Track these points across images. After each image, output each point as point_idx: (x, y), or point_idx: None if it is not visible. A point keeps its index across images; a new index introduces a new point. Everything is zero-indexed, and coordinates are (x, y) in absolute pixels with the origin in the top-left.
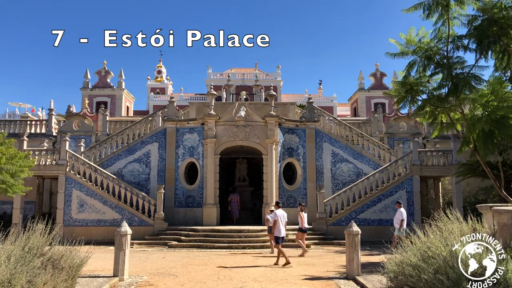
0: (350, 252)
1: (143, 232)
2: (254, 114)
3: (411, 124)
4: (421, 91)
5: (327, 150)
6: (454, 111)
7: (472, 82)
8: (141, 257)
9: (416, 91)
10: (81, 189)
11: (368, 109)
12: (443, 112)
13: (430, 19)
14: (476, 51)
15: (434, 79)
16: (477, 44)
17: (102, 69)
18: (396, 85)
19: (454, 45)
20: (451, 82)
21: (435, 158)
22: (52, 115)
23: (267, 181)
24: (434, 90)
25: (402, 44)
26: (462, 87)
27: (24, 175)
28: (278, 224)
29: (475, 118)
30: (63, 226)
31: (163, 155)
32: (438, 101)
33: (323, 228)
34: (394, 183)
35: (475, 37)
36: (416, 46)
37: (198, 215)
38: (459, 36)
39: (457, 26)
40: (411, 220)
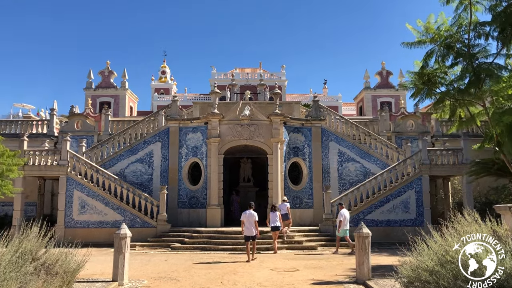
0: (360, 255)
1: (145, 234)
2: (259, 112)
3: (418, 123)
4: (439, 83)
5: (333, 149)
6: (474, 105)
7: (497, 73)
8: (142, 259)
9: (434, 82)
10: (82, 190)
11: (374, 108)
12: (462, 106)
13: (451, 3)
14: (498, 39)
15: (453, 71)
16: (499, 32)
17: (106, 69)
18: (413, 77)
19: (476, 33)
20: (472, 72)
21: (445, 157)
22: (53, 115)
23: (272, 181)
24: (453, 82)
25: (420, 32)
26: (485, 78)
27: (13, 174)
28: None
29: (500, 110)
30: (64, 227)
31: (166, 155)
32: (458, 93)
33: (330, 230)
34: (402, 182)
35: (498, 24)
36: (434, 34)
37: (201, 216)
38: (481, 22)
39: (479, 12)
40: (421, 221)
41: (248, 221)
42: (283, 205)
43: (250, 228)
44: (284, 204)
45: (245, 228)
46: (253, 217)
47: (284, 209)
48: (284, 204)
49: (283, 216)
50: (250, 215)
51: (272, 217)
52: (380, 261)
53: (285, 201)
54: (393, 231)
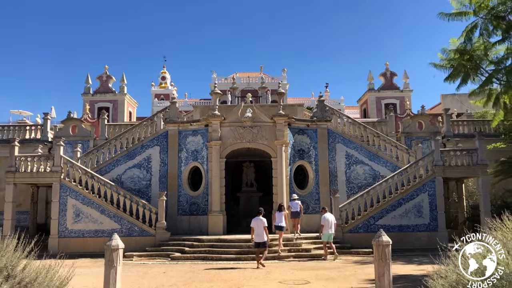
0: (379, 266)
1: (143, 243)
2: (262, 114)
3: (428, 123)
4: (486, 61)
5: (340, 152)
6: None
7: None
8: (139, 272)
9: (478, 59)
10: (77, 197)
11: (379, 110)
12: (507, 92)
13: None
14: None
15: (496, 50)
16: None
17: (104, 74)
18: (450, 55)
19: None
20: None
21: (459, 158)
22: (47, 119)
23: (277, 185)
24: (503, 61)
25: (460, 1)
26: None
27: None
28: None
29: None
30: (57, 237)
31: (164, 159)
32: (509, 74)
33: (339, 236)
34: (415, 185)
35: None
36: (477, 4)
37: (203, 223)
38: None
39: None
40: (435, 226)
41: (258, 228)
42: (294, 203)
43: (261, 234)
44: (296, 202)
45: (255, 235)
46: (263, 224)
47: (296, 207)
48: (295, 202)
49: (295, 214)
50: (260, 222)
51: (278, 216)
52: (397, 270)
53: (296, 200)
54: (406, 236)
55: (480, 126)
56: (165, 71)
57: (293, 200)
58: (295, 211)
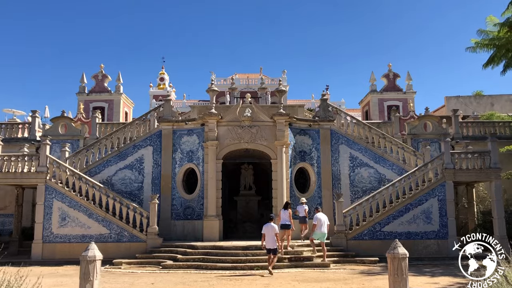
0: (395, 282)
1: (134, 250)
2: (261, 113)
3: (436, 124)
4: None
5: (344, 153)
6: None
7: None
8: (125, 282)
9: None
10: (63, 200)
11: (381, 112)
12: None
13: None
14: None
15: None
16: None
17: (99, 73)
18: (496, 31)
19: None
20: None
21: (470, 161)
22: (35, 117)
23: (277, 189)
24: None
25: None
26: None
27: None
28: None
29: None
30: (42, 242)
31: (158, 160)
32: None
33: (343, 243)
34: (423, 190)
35: None
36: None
37: (198, 228)
38: None
39: None
40: (445, 233)
41: (269, 234)
42: (301, 207)
43: (272, 241)
44: (302, 206)
45: (266, 241)
46: (274, 230)
47: (301, 211)
48: (302, 206)
49: (301, 219)
50: (271, 228)
51: (283, 215)
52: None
53: (303, 203)
54: (414, 244)
55: (490, 128)
56: (164, 72)
57: (301, 204)
58: (302, 216)
